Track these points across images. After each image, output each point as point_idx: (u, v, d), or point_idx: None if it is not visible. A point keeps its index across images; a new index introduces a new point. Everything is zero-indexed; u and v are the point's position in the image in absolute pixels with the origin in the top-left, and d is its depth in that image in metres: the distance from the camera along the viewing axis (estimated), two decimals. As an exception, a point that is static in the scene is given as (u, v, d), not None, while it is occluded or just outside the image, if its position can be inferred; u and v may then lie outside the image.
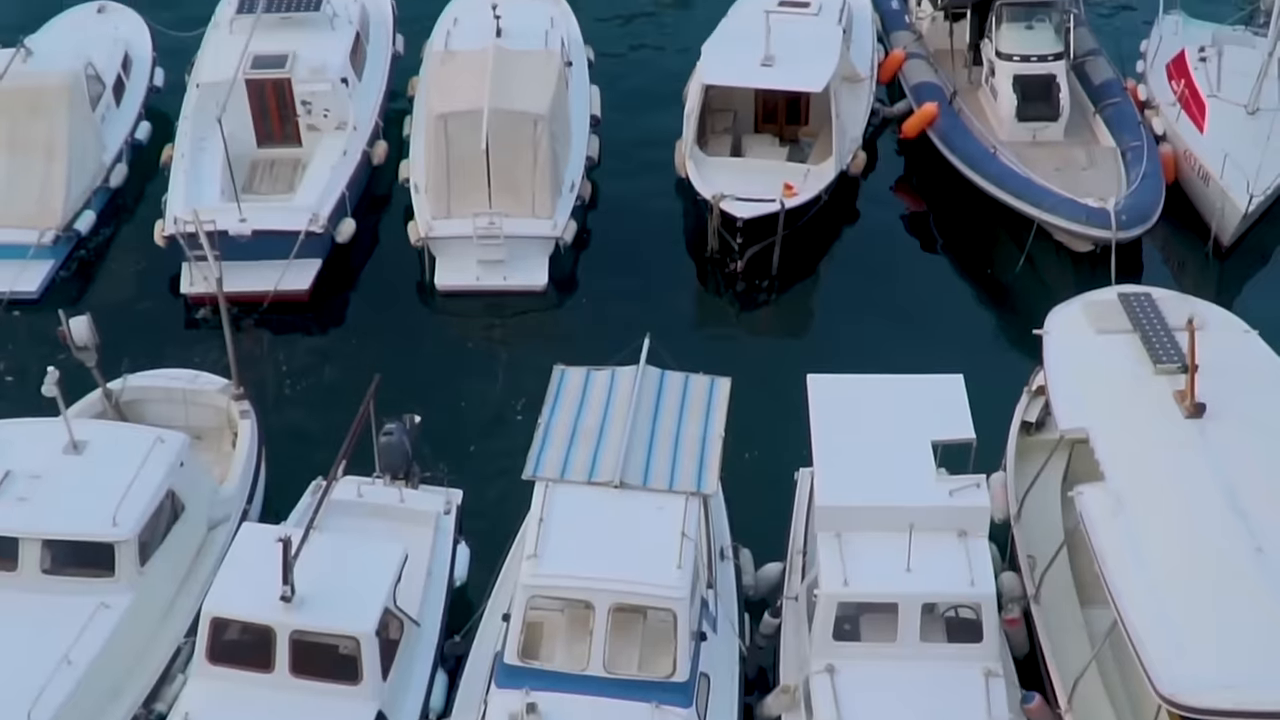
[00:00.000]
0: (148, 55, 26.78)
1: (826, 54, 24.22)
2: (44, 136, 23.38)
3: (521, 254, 22.87)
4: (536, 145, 22.76)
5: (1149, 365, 16.63)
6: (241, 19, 25.08)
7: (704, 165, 23.74)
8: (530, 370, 19.25)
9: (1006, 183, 23.55)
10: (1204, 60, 25.53)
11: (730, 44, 24.64)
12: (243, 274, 21.52)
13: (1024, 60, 25.12)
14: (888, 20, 28.31)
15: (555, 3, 27.28)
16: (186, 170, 23.39)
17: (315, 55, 24.51)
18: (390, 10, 27.68)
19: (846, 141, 24.18)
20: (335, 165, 23.76)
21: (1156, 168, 23.54)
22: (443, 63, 24.45)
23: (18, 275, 22.60)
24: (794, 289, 23.41)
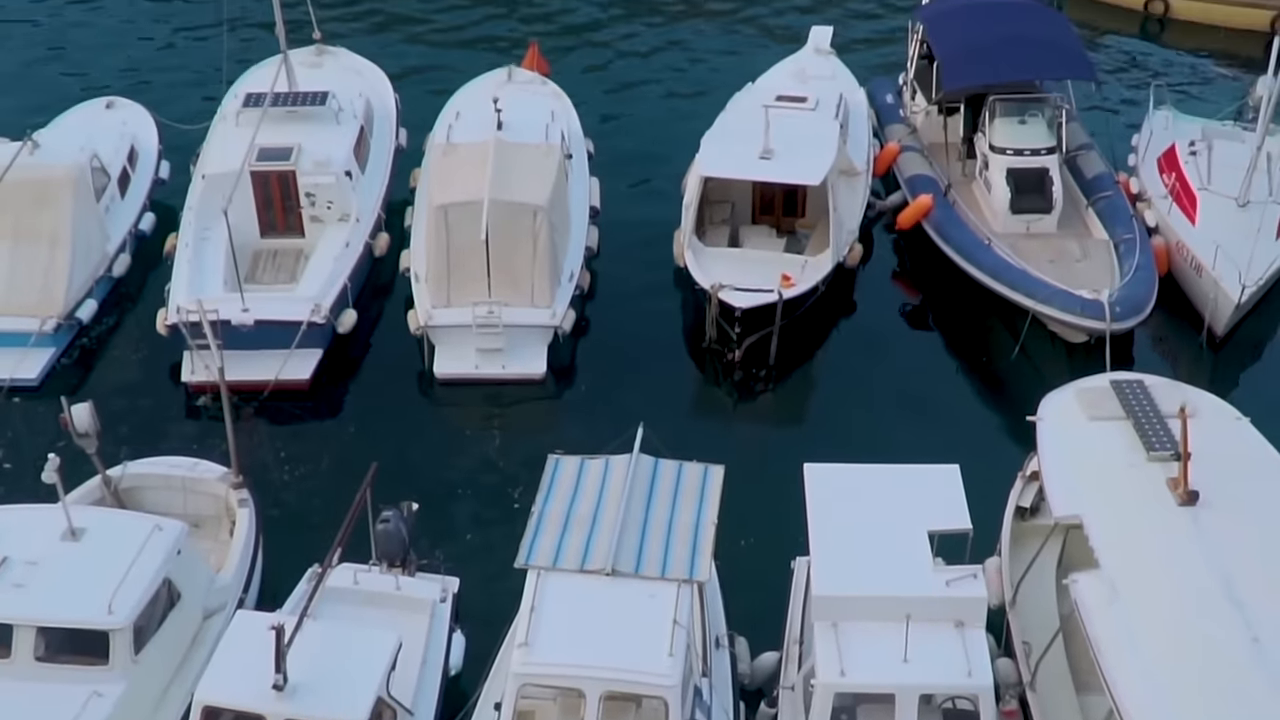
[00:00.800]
0: (154, 148, 27.20)
1: (824, 148, 24.57)
2: (49, 226, 23.67)
3: (520, 343, 23.04)
4: (536, 236, 23.03)
5: (1142, 452, 16.73)
6: (248, 113, 25.48)
7: (702, 256, 24.01)
8: (527, 458, 19.32)
9: (1001, 274, 23.80)
10: (1194, 154, 25.91)
11: (728, 137, 25.02)
12: (244, 363, 21.75)
13: (1017, 154, 25.49)
14: (883, 115, 28.78)
15: (557, 97, 27.81)
16: (190, 260, 23.64)
17: (320, 148, 24.87)
18: (394, 105, 28.17)
19: (843, 233, 24.46)
20: (338, 256, 24.02)
21: (1149, 260, 23.79)
22: (444, 155, 24.81)
23: (18, 363, 22.77)
24: (791, 378, 23.54)
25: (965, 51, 26.84)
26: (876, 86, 29.69)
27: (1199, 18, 35.04)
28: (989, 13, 28.22)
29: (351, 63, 29.09)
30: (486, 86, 27.69)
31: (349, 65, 28.92)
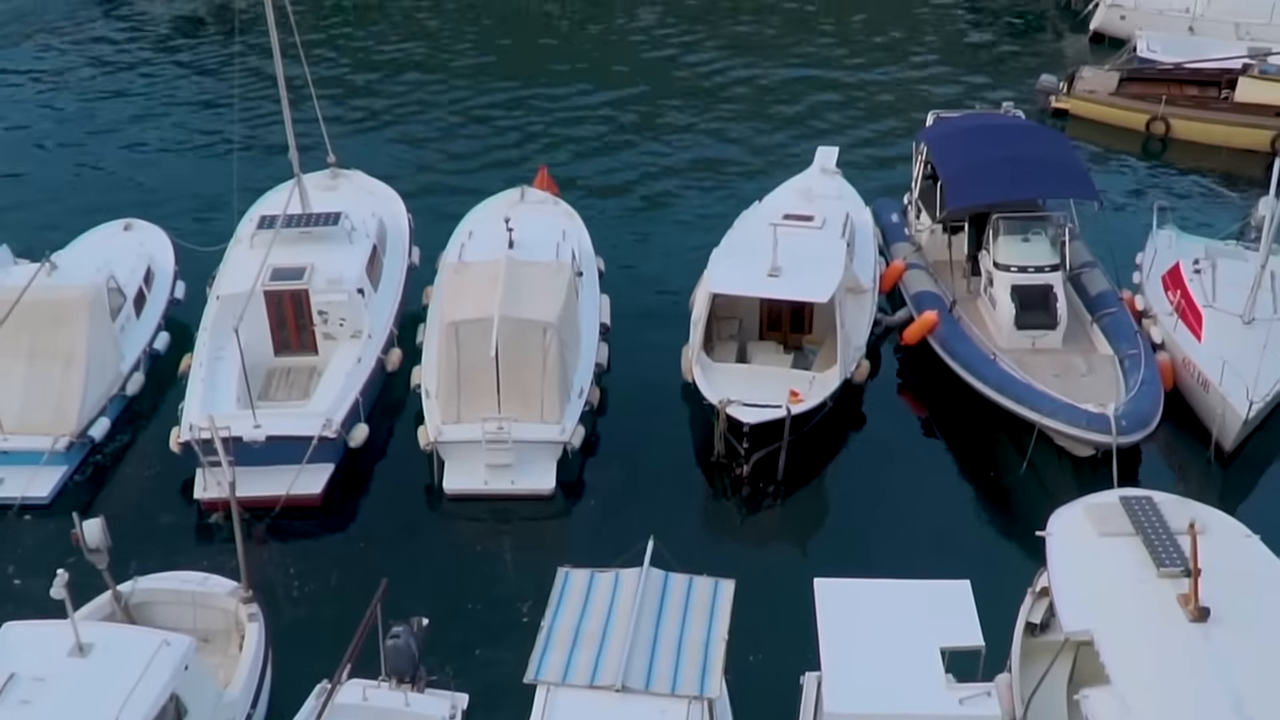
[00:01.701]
0: (170, 269, 27.61)
1: (830, 266, 24.85)
2: (64, 346, 23.96)
3: (529, 458, 23.15)
4: (546, 352, 23.25)
5: (1152, 569, 16.69)
6: (262, 234, 25.91)
7: (710, 371, 24.19)
8: (536, 573, 19.28)
9: (1007, 388, 23.94)
10: (1198, 272, 26.20)
11: (736, 255, 25.33)
12: (256, 479, 21.89)
13: (1021, 271, 25.78)
14: (888, 233, 29.17)
15: (568, 216, 28.26)
16: (204, 379, 23.89)
17: (333, 267, 25.27)
18: (407, 224, 28.62)
19: (850, 350, 24.65)
20: (350, 373, 24.26)
21: (1154, 375, 23.94)
22: (456, 273, 25.15)
23: (30, 481, 22.91)
24: (800, 493, 23.56)
25: (968, 172, 27.26)
26: (882, 206, 30.14)
27: (1200, 138, 35.61)
28: (991, 134, 28.78)
29: (365, 184, 29.66)
30: (499, 206, 28.21)
31: (362, 186, 29.50)
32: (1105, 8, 41.18)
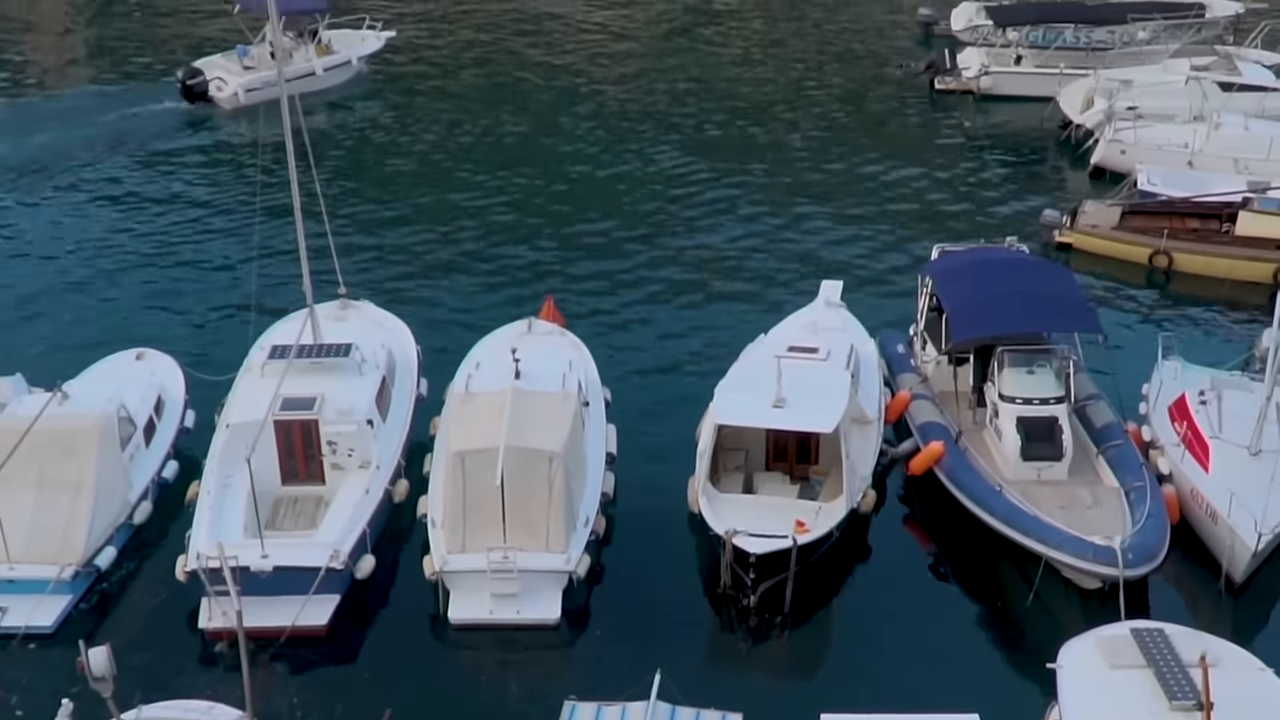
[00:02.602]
0: (180, 398, 27.83)
1: (835, 397, 24.98)
2: (73, 476, 24.05)
3: (535, 588, 23.05)
4: (551, 482, 23.31)
5: (1164, 702, 16.54)
6: (273, 364, 26.15)
7: (717, 502, 24.21)
8: (542, 704, 19.15)
9: (1013, 520, 23.90)
10: (1204, 404, 26.30)
11: (742, 386, 25.46)
12: (262, 609, 21.83)
13: (1026, 403, 25.90)
14: (893, 364, 29.37)
15: (575, 347, 28.52)
16: (211, 507, 23.95)
17: (342, 398, 25.46)
18: (415, 355, 28.90)
19: (856, 480, 24.68)
20: (357, 503, 24.31)
21: (1160, 507, 23.91)
22: (463, 403, 25.34)
23: (34, 610, 22.84)
24: (807, 625, 23.38)
25: (973, 305, 27.56)
26: (888, 337, 30.39)
27: (1202, 270, 35.96)
28: (995, 268, 29.16)
29: (375, 315, 30.02)
30: (506, 337, 28.49)
31: (372, 318, 29.85)
32: (1106, 142, 41.91)
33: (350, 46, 51.41)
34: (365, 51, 51.70)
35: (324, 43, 50.39)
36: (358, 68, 51.18)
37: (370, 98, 50.22)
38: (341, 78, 50.56)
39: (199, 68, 48.78)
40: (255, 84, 47.48)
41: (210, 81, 48.21)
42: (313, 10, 50.96)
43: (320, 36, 50.34)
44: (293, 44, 49.28)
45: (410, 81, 51.54)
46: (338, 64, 50.46)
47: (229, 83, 48.05)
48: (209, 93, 48.21)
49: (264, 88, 46.56)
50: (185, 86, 47.97)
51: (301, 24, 49.99)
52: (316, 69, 49.43)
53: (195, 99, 48.08)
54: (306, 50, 49.84)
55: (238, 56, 49.03)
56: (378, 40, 52.27)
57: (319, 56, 49.82)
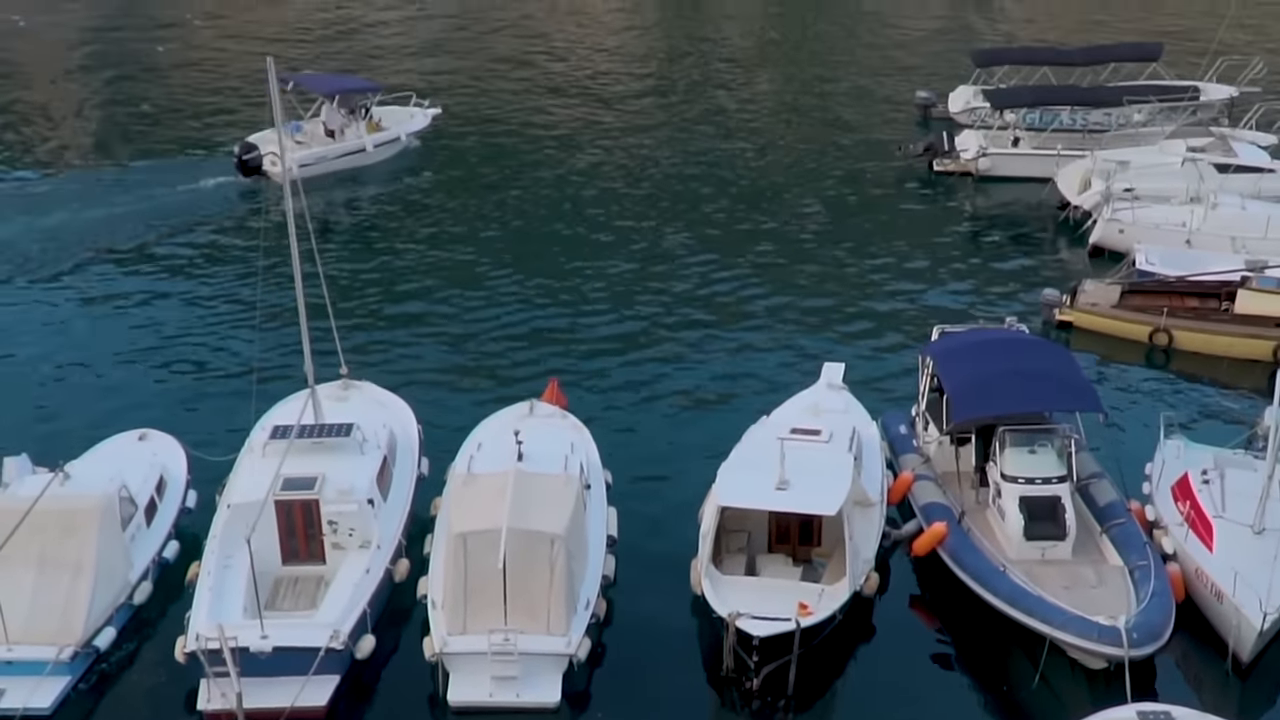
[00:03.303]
0: (182, 478, 27.84)
1: (838, 479, 25.00)
2: (73, 556, 23.99)
3: (535, 670, 22.87)
4: (553, 564, 23.24)
5: (1172, 784, 16.40)
6: (274, 444, 26.18)
7: (719, 584, 24.11)
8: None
9: (1017, 600, 23.78)
10: (1207, 482, 26.27)
11: (745, 468, 25.48)
12: (261, 690, 21.67)
13: (1029, 483, 25.87)
14: (896, 445, 29.37)
15: (576, 429, 28.55)
16: (212, 588, 23.86)
17: (344, 478, 25.46)
18: (417, 435, 28.92)
19: (859, 562, 24.60)
20: (358, 583, 24.22)
21: (1165, 586, 23.80)
22: (465, 484, 25.34)
23: (32, 691, 22.66)
24: (811, 708, 23.13)
25: (974, 385, 27.61)
26: (890, 418, 30.42)
27: (1202, 348, 36.06)
28: (996, 348, 29.26)
29: (376, 395, 30.09)
30: (508, 419, 28.56)
31: (374, 397, 29.92)
32: (1104, 222, 42.20)
33: (399, 123, 52.68)
34: (413, 128, 52.96)
35: (374, 119, 51.59)
36: (406, 143, 52.40)
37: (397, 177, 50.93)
38: (390, 153, 51.81)
39: (253, 143, 49.81)
40: (309, 159, 48.64)
41: (265, 156, 49.07)
42: (364, 89, 52.48)
43: (371, 113, 51.50)
44: (344, 120, 50.62)
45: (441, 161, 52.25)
46: (387, 140, 51.72)
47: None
48: (263, 167, 49.13)
49: (317, 162, 48.65)
50: (241, 161, 48.94)
51: (353, 101, 51.23)
52: (367, 145, 50.75)
53: (250, 173, 49.07)
54: (358, 127, 51.13)
55: (290, 132, 49.98)
56: (425, 117, 53.61)
57: (369, 133, 50.99)
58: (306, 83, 52.29)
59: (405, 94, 54.64)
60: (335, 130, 50.42)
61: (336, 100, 50.92)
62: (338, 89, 51.74)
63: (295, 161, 47.49)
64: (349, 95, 51.45)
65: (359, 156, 50.26)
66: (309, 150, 49.52)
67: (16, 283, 41.06)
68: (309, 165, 48.50)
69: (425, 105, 54.19)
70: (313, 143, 49.88)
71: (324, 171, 49.28)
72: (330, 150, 49.95)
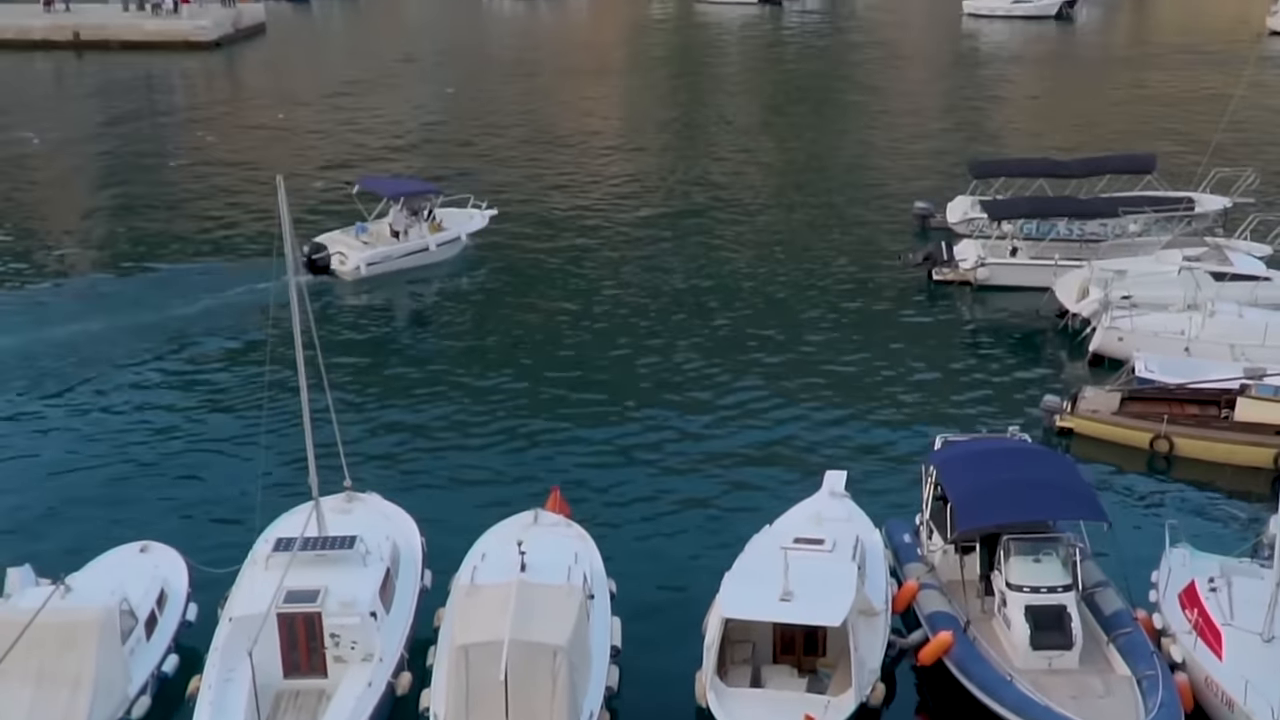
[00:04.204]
0: (183, 591, 27.73)
1: (842, 589, 24.95)
2: (72, 671, 23.80)
3: (538, 782, 22.64)
4: (555, 676, 23.06)
5: None
6: (277, 557, 26.13)
7: (724, 696, 23.91)
8: None
9: (1025, 710, 23.54)
10: (1214, 590, 26.18)
11: (749, 579, 25.46)
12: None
13: (1034, 592, 25.78)
14: (900, 553, 29.29)
15: (580, 539, 28.51)
16: (213, 701, 23.68)
17: (346, 590, 25.38)
18: (420, 547, 28.85)
19: (865, 672, 24.42)
20: (360, 696, 24.03)
21: (1174, 696, 23.61)
22: (468, 596, 25.23)
23: (31, 809, 22.42)
24: (819, 823, 22.90)
25: (977, 494, 27.64)
26: (894, 526, 30.37)
27: (1204, 455, 36.07)
28: (998, 456, 29.33)
29: (380, 507, 30.07)
30: (512, 529, 28.53)
31: (377, 509, 29.90)
32: (1103, 330, 42.45)
33: (459, 224, 54.31)
34: (472, 228, 54.49)
35: (436, 220, 53.23)
36: (465, 243, 53.94)
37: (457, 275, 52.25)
38: (452, 252, 53.40)
39: (322, 243, 51.55)
40: (375, 258, 50.72)
41: (333, 255, 50.74)
42: (427, 192, 54.47)
43: (434, 215, 53.16)
44: (409, 221, 52.39)
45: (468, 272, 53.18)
46: (448, 240, 53.24)
47: (350, 257, 50.81)
48: (331, 266, 50.69)
49: (383, 261, 50.59)
50: (309, 260, 50.39)
51: (417, 203, 53.06)
52: (430, 245, 52.39)
53: (319, 272, 50.55)
54: (420, 228, 52.78)
55: (356, 233, 52.08)
56: (483, 218, 55.20)
57: (432, 233, 52.48)
58: (373, 186, 54.50)
59: (463, 196, 56.41)
60: (400, 231, 52.24)
61: (402, 202, 52.51)
62: (403, 191, 53.85)
63: (364, 260, 49.91)
64: (414, 197, 53.34)
65: (422, 255, 52.12)
66: (375, 250, 51.25)
67: (20, 392, 41.20)
68: (376, 264, 50.56)
69: (483, 207, 55.87)
70: (378, 242, 51.63)
71: (390, 270, 51.16)
72: (395, 249, 51.72)
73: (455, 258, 53.22)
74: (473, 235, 54.06)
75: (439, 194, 54.96)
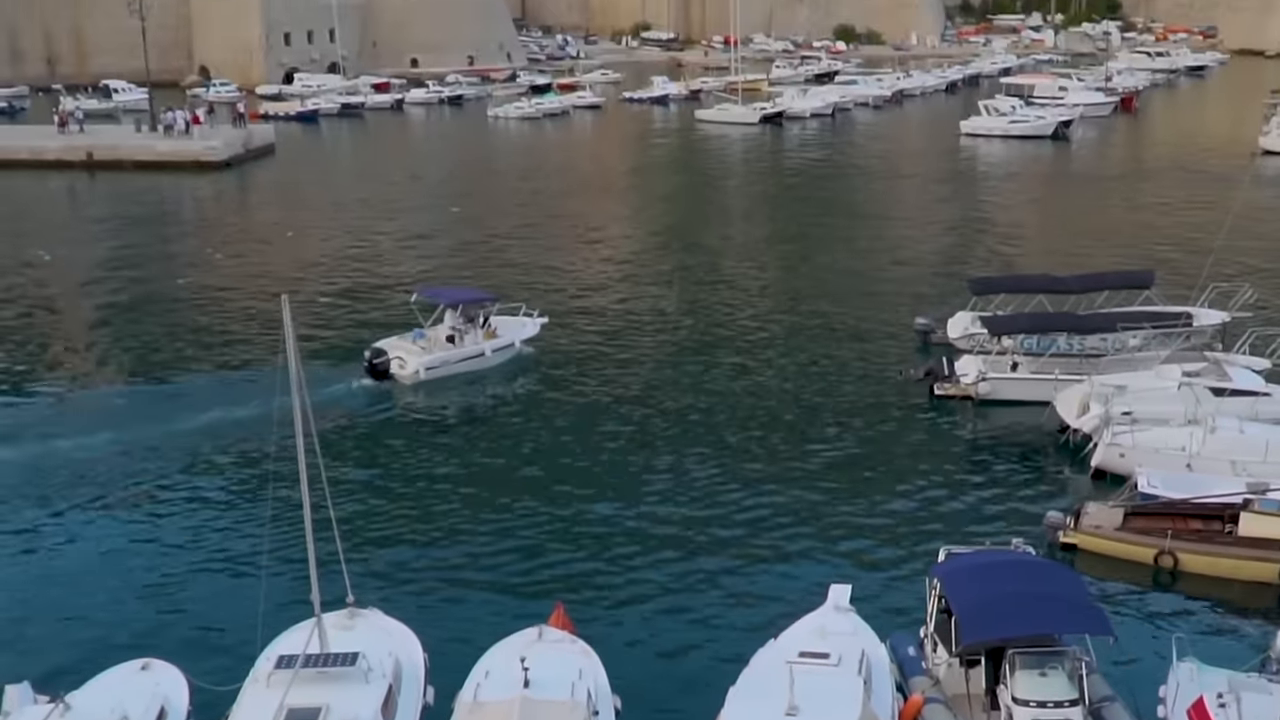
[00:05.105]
0: (184, 709, 27.45)
1: (848, 705, 24.80)
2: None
3: None
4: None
5: None
6: (279, 674, 26.05)
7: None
8: None
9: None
10: (1224, 706, 25.98)
11: (753, 694, 25.36)
12: None
13: (1040, 706, 25.63)
14: (905, 667, 29.13)
15: (585, 655, 28.37)
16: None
17: (348, 708, 25.21)
18: (423, 664, 28.72)
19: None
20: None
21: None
22: (471, 713, 25.14)
23: None
24: None
25: (982, 607, 27.58)
26: (898, 639, 30.24)
27: (1208, 571, 35.96)
28: (1003, 569, 29.30)
29: (382, 623, 29.96)
30: (516, 645, 28.39)
31: (380, 626, 29.78)
32: (1104, 446, 42.56)
33: (512, 331, 56.01)
34: (525, 335, 56.20)
35: (491, 327, 54.87)
36: (519, 349, 55.51)
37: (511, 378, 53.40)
38: (506, 358, 54.96)
39: (382, 348, 52.96)
40: (434, 363, 52.28)
41: (392, 360, 52.16)
42: (483, 300, 56.23)
43: (489, 322, 54.83)
44: (465, 328, 54.08)
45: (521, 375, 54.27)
46: (503, 346, 54.87)
47: (409, 361, 52.04)
48: (391, 370, 52.09)
49: (441, 365, 52.10)
50: (370, 365, 52.08)
51: (473, 311, 54.83)
52: (486, 351, 54.08)
53: (379, 377, 52.14)
54: (476, 334, 54.40)
55: (413, 339, 53.46)
56: (535, 326, 56.71)
57: (487, 340, 54.21)
58: (432, 295, 56.15)
59: (516, 305, 57.94)
60: (456, 337, 53.71)
61: (460, 309, 53.89)
62: (461, 300, 55.74)
63: (422, 365, 51.40)
64: (470, 305, 55.16)
65: (478, 361, 53.71)
66: (433, 355, 52.75)
67: (23, 506, 41.25)
68: (434, 368, 52.00)
69: (535, 315, 57.26)
70: (434, 348, 53.01)
71: (447, 374, 52.74)
72: (453, 355, 53.27)
73: (509, 363, 54.85)
74: (526, 341, 55.80)
75: (495, 302, 56.72)
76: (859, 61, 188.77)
